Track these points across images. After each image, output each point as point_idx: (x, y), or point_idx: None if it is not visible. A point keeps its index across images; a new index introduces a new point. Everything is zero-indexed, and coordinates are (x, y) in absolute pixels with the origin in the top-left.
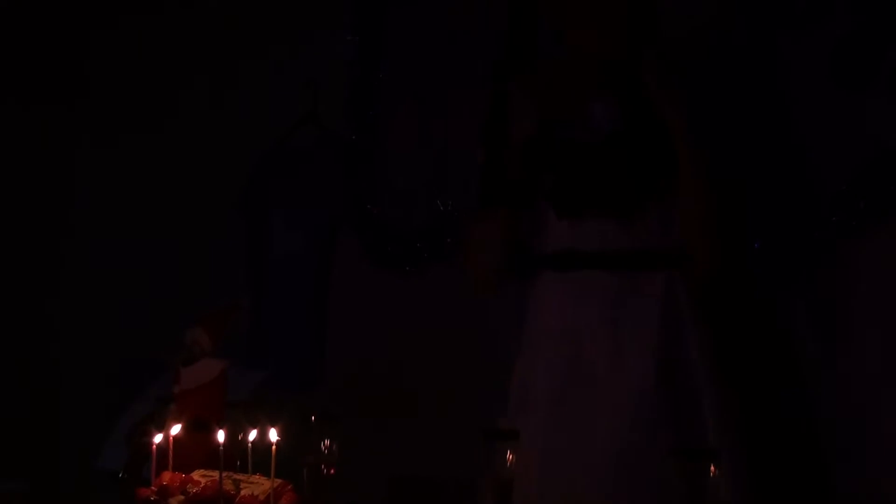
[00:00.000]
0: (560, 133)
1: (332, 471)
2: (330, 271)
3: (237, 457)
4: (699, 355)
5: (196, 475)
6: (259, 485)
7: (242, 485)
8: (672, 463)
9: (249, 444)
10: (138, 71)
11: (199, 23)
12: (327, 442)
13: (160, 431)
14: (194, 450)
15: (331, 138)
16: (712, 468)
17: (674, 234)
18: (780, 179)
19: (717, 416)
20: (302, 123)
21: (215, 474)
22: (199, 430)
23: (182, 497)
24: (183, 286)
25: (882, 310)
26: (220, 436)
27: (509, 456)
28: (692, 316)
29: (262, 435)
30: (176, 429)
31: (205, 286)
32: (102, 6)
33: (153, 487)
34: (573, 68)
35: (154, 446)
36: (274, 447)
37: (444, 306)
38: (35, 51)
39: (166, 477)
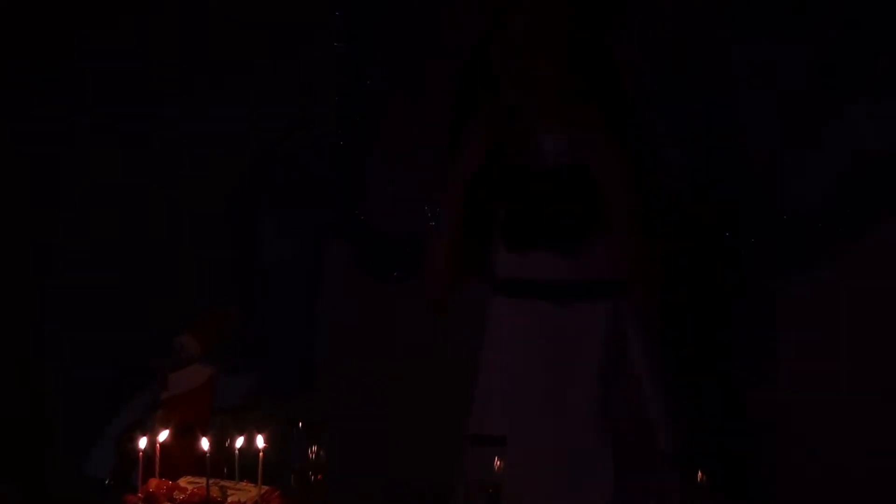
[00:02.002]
0: (510, 161)
1: (319, 477)
2: (319, 277)
3: (224, 463)
4: (648, 386)
5: (183, 482)
6: (246, 491)
7: (230, 492)
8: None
9: (237, 451)
10: (128, 74)
11: (189, 29)
12: (314, 448)
13: (148, 437)
14: (181, 456)
15: (320, 145)
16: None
17: (620, 265)
18: (767, 184)
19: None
20: (291, 130)
21: (202, 481)
22: (186, 435)
23: None
24: (172, 292)
25: (867, 314)
26: (205, 444)
27: (497, 461)
28: (640, 344)
29: (249, 441)
30: (163, 435)
31: (194, 292)
32: (93, 6)
33: (140, 494)
34: (525, 99)
35: (141, 453)
36: (261, 454)
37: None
38: (25, 50)
39: (153, 484)
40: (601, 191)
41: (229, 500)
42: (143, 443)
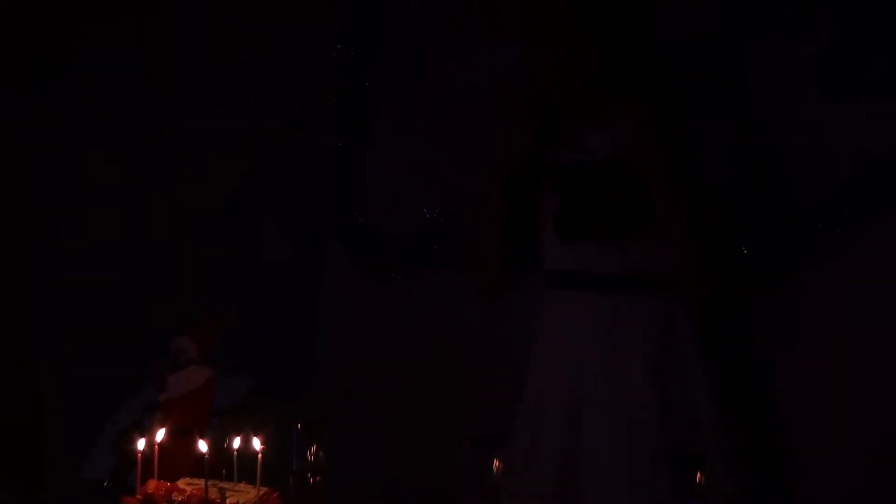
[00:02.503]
0: (561, 155)
1: (318, 478)
2: (318, 278)
3: (223, 465)
4: (698, 379)
5: (181, 483)
6: (245, 493)
7: (228, 493)
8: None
9: (235, 452)
10: (128, 74)
11: (189, 29)
12: (313, 449)
13: (146, 439)
14: (180, 458)
15: (319, 145)
16: (699, 475)
17: (670, 258)
18: (766, 187)
19: (714, 439)
20: (290, 131)
21: (201, 483)
22: (184, 437)
23: None
24: (171, 293)
25: (866, 316)
26: (203, 446)
27: (496, 463)
28: (690, 338)
29: (247, 443)
30: (160, 436)
31: (193, 293)
32: (93, 6)
33: (138, 496)
34: (571, 95)
35: (139, 454)
36: (259, 455)
37: (433, 313)
38: (25, 50)
39: (151, 485)
40: (646, 184)
41: (228, 501)
42: (141, 444)
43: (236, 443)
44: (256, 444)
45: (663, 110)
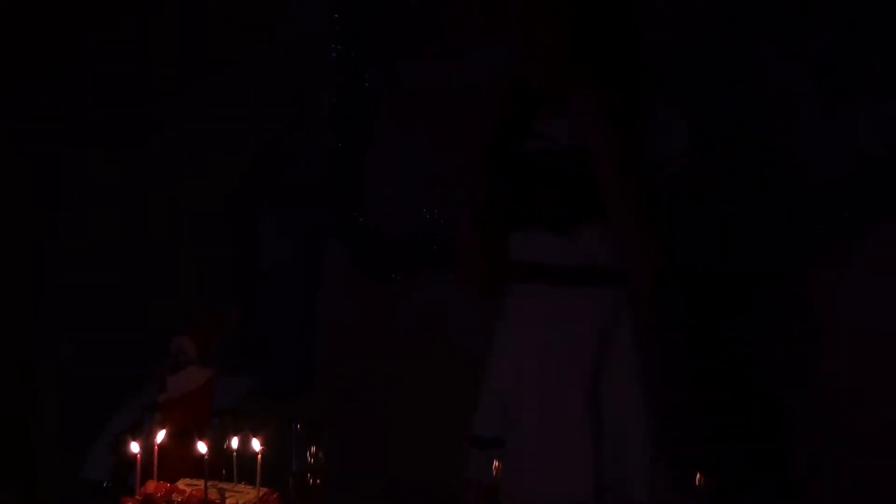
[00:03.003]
0: (518, 143)
1: (318, 479)
2: (318, 279)
3: (222, 465)
4: (639, 371)
5: (181, 484)
6: (244, 494)
7: (228, 494)
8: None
9: (234, 453)
10: (128, 75)
11: (189, 29)
12: (313, 450)
13: (144, 440)
14: (179, 458)
15: (318, 146)
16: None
17: (619, 251)
18: (765, 187)
19: (652, 430)
20: (289, 131)
21: (200, 483)
22: (184, 438)
23: None
24: (171, 293)
25: (865, 315)
26: (202, 447)
27: (495, 464)
28: (633, 335)
29: (245, 444)
30: (160, 437)
31: (193, 293)
32: (93, 6)
33: (137, 496)
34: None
35: (138, 455)
36: (259, 456)
37: (432, 313)
38: (25, 50)
39: (151, 486)
40: (598, 176)
41: (227, 502)
42: (140, 445)
43: (235, 443)
44: (256, 444)
45: (620, 98)
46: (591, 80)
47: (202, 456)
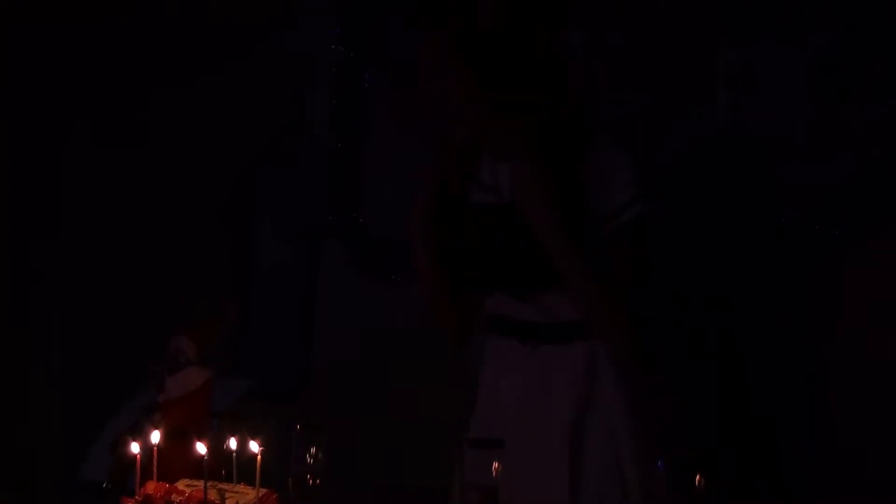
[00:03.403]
0: (462, 198)
1: (317, 480)
2: (316, 280)
3: (222, 466)
4: (620, 425)
5: (180, 485)
6: (244, 494)
7: (227, 494)
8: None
9: (234, 454)
10: (127, 75)
11: (188, 30)
12: (312, 451)
13: (144, 441)
14: (179, 459)
15: (317, 147)
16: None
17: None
18: (764, 189)
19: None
20: (288, 132)
21: (200, 484)
22: (183, 439)
23: None
24: (169, 294)
25: (865, 316)
26: (201, 448)
27: (495, 465)
28: (613, 382)
29: (243, 445)
30: (159, 437)
31: (191, 294)
32: (92, 6)
33: (137, 497)
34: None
35: (138, 456)
36: (259, 457)
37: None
38: (24, 50)
39: (150, 487)
40: (531, 229)
41: (227, 502)
42: (139, 446)
43: (234, 444)
44: (254, 446)
45: (561, 144)
46: (517, 134)
47: (201, 456)
